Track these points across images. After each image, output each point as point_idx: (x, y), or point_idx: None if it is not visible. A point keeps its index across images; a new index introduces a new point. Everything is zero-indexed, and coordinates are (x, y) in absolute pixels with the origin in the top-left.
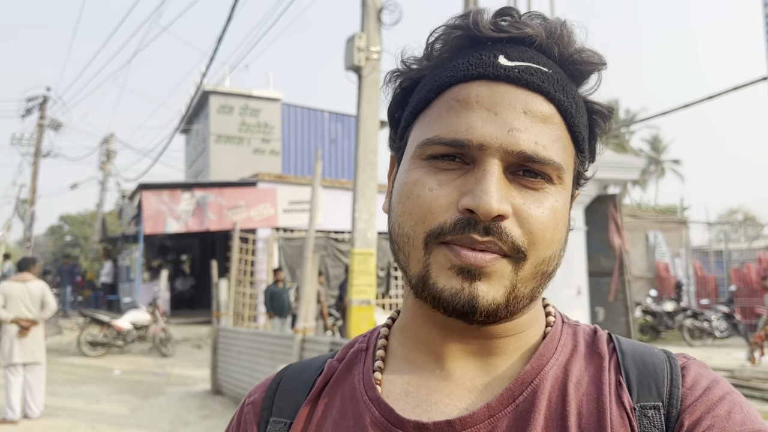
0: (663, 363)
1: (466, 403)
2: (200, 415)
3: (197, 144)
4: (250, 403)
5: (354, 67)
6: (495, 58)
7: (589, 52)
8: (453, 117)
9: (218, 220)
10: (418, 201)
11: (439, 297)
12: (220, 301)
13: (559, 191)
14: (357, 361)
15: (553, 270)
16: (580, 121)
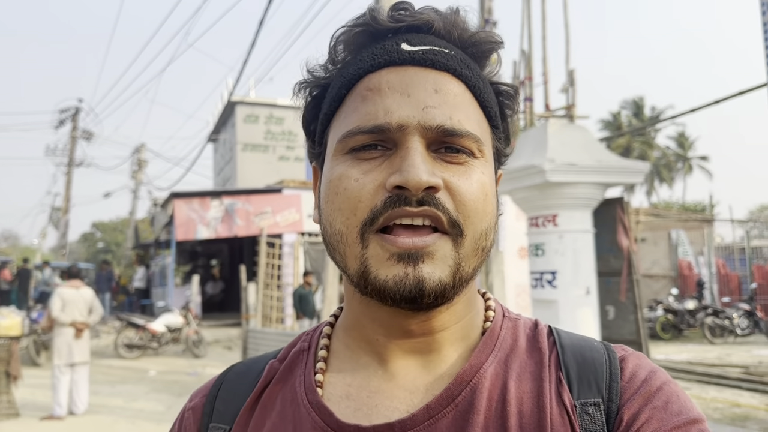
0: (602, 357)
1: (407, 404)
2: None
3: (225, 152)
4: (190, 408)
5: None
6: (398, 45)
7: (484, 33)
8: (369, 105)
9: (246, 226)
10: (346, 194)
11: (383, 288)
12: (248, 304)
13: (483, 164)
14: (298, 362)
15: (489, 245)
16: (489, 96)
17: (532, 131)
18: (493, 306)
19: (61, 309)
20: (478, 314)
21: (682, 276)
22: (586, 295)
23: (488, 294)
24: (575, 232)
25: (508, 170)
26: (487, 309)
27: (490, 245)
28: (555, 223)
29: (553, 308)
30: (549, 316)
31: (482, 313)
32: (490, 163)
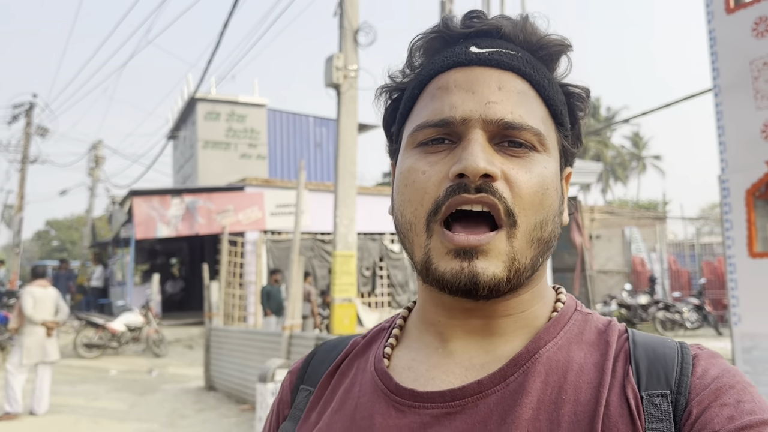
0: (674, 352)
1: (461, 379)
2: (195, 409)
3: (185, 150)
4: (289, 372)
5: (333, 85)
6: (467, 48)
7: (552, 36)
8: (437, 102)
9: (207, 224)
10: (414, 186)
11: (441, 280)
12: (211, 302)
13: (546, 158)
14: (377, 338)
15: (549, 237)
16: (555, 95)
17: None
18: (564, 299)
19: (33, 307)
20: (545, 306)
21: (635, 272)
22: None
23: (561, 289)
24: None
25: None
26: (556, 301)
27: (548, 237)
28: None
29: None
30: None
31: (551, 305)
32: (554, 158)
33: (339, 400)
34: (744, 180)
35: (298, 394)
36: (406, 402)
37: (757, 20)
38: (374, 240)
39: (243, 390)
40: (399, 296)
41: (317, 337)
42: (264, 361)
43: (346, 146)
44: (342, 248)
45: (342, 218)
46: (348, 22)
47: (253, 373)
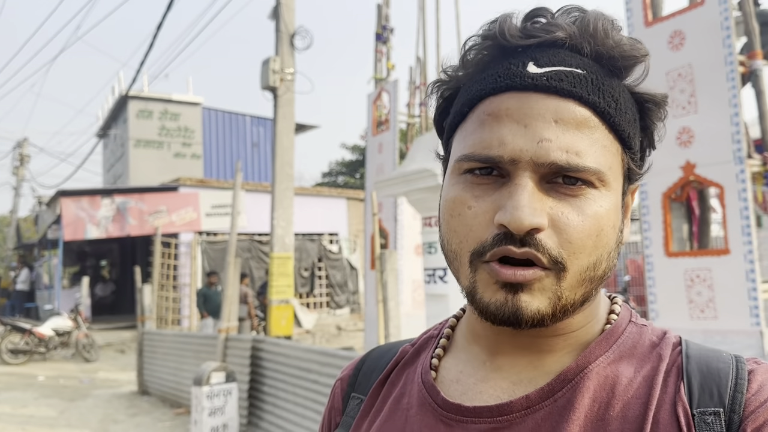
0: (728, 368)
1: (509, 394)
2: (128, 414)
3: (115, 148)
4: (339, 379)
5: (269, 87)
6: (524, 66)
7: (626, 46)
8: (486, 132)
9: (139, 225)
10: (460, 220)
11: (486, 310)
12: (144, 306)
13: (603, 195)
14: (426, 347)
15: (603, 273)
16: (622, 118)
17: (425, 137)
18: (618, 310)
19: None
20: (598, 321)
21: None
22: None
23: (617, 299)
24: None
25: (404, 173)
26: (610, 312)
27: (602, 273)
28: None
29: (444, 302)
30: (440, 309)
31: (604, 318)
32: (613, 192)
33: (389, 411)
34: (661, 183)
35: (350, 402)
36: (454, 417)
37: (672, 33)
38: (313, 241)
39: (178, 394)
40: (338, 296)
41: (254, 339)
42: (199, 364)
43: (283, 148)
44: (279, 250)
45: (279, 220)
46: (284, 26)
47: (188, 377)
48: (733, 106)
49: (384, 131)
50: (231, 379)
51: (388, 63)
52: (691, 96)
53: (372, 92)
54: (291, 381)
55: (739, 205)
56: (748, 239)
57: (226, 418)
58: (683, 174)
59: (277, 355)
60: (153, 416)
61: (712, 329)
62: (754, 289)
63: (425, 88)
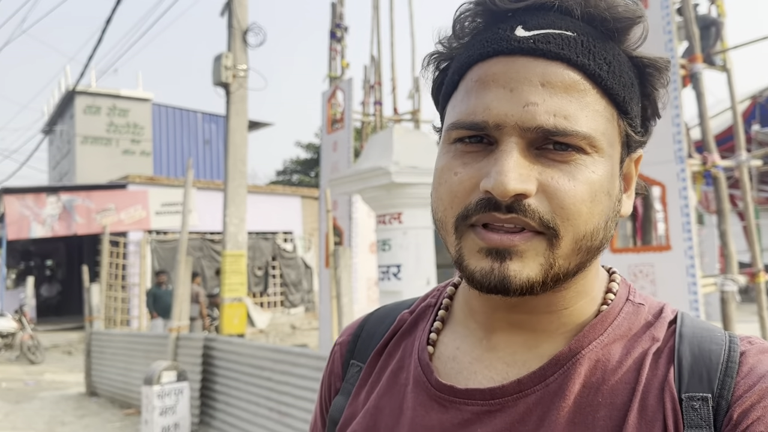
0: (720, 349)
1: (502, 376)
2: (76, 415)
3: (62, 145)
4: (338, 343)
5: (222, 84)
6: (512, 30)
7: (620, 8)
8: (473, 98)
9: (86, 223)
10: (447, 186)
11: (472, 278)
12: (92, 306)
13: (596, 161)
14: (424, 317)
15: (600, 243)
16: (615, 81)
17: (379, 135)
18: (616, 288)
19: None
20: (594, 300)
21: None
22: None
23: (616, 275)
24: (418, 229)
25: (358, 171)
26: (608, 291)
27: (599, 243)
28: (400, 220)
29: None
30: None
31: (600, 296)
32: (607, 158)
33: (386, 384)
34: None
35: (349, 368)
36: (447, 398)
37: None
38: (267, 239)
39: (127, 394)
40: (292, 295)
41: (206, 337)
42: (149, 364)
43: (236, 146)
44: (232, 248)
45: (232, 217)
46: (237, 22)
47: (138, 377)
48: (675, 108)
49: (339, 129)
50: (182, 378)
51: (343, 61)
52: None
53: (326, 90)
54: (244, 379)
55: (680, 203)
56: (688, 236)
57: (178, 418)
58: None
59: (230, 354)
60: (102, 417)
61: None
62: (694, 283)
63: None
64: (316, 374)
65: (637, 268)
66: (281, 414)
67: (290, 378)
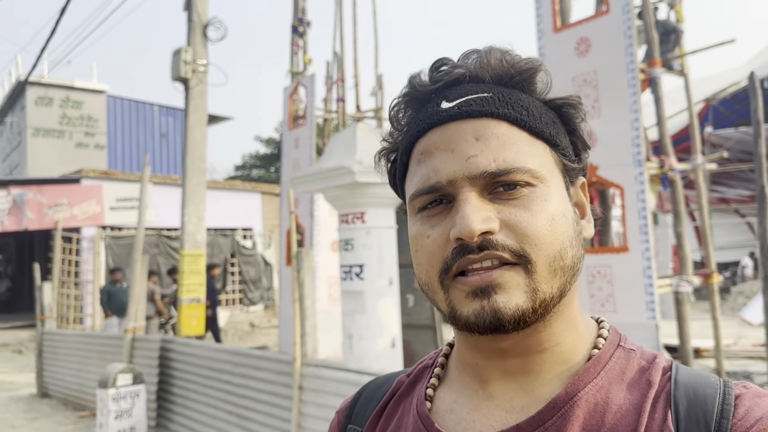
0: (715, 393)
1: (501, 423)
2: (27, 418)
3: (12, 137)
4: (337, 411)
5: (181, 79)
6: (438, 105)
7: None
8: (423, 168)
9: (38, 219)
10: (423, 250)
11: (467, 322)
12: (44, 304)
13: (545, 190)
14: (421, 377)
15: (572, 262)
16: (538, 122)
17: (342, 134)
18: (606, 334)
19: None
20: (582, 337)
21: None
22: (389, 285)
23: (605, 323)
24: (381, 228)
25: (321, 170)
26: (598, 336)
27: (571, 262)
28: (363, 220)
29: (360, 298)
30: (357, 305)
31: (590, 337)
32: (555, 185)
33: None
34: None
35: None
36: None
37: (579, 40)
38: (226, 236)
39: (81, 396)
40: (251, 293)
41: (163, 339)
42: (104, 365)
43: (195, 142)
44: (190, 247)
45: (190, 216)
46: (197, 16)
47: (93, 379)
48: (634, 111)
49: (301, 126)
50: (138, 381)
51: (305, 57)
52: (595, 101)
53: (288, 86)
54: (202, 382)
55: (638, 205)
56: (645, 237)
57: (134, 421)
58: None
59: (188, 356)
60: (54, 420)
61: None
62: (651, 284)
63: (341, 84)
64: (276, 377)
65: (595, 269)
66: (240, 417)
67: (250, 381)
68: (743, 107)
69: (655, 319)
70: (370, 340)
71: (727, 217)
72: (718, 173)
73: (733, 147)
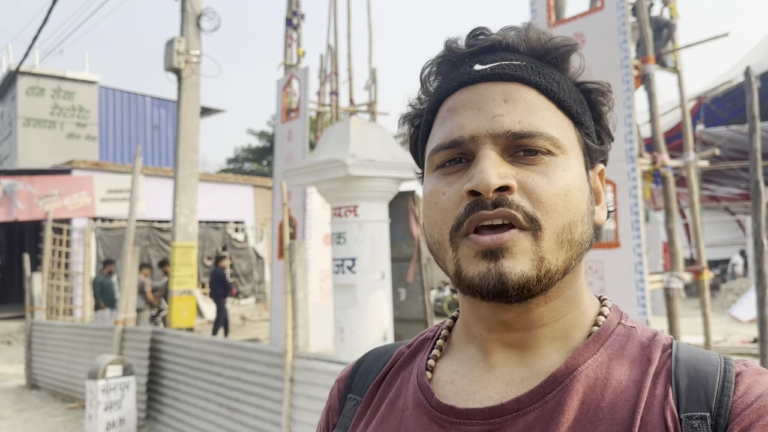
0: (716, 370)
1: (501, 395)
2: (16, 409)
3: (3, 127)
4: (337, 380)
5: (173, 69)
6: (471, 66)
7: (557, 39)
8: (447, 124)
9: (28, 209)
10: (437, 207)
11: (472, 284)
12: (33, 296)
13: (565, 161)
14: (421, 349)
15: (581, 238)
16: (567, 96)
17: (335, 127)
18: (607, 312)
19: None
20: (583, 314)
21: None
22: (381, 279)
23: (607, 301)
24: (373, 222)
25: (314, 163)
26: (599, 314)
27: (579, 238)
28: (356, 213)
29: (352, 292)
30: (348, 299)
31: (591, 315)
32: (575, 159)
33: (384, 412)
34: None
35: (346, 403)
36: (447, 418)
37: (573, 36)
38: (217, 229)
39: (70, 388)
40: (243, 286)
41: (153, 331)
42: (94, 357)
43: (187, 133)
44: (182, 239)
45: (182, 208)
46: (191, 6)
47: (82, 370)
48: (627, 108)
49: (294, 119)
50: (128, 373)
51: (299, 49)
52: None
53: (282, 78)
54: (192, 374)
55: (630, 201)
56: (637, 233)
57: (123, 413)
58: None
59: (178, 348)
60: (43, 411)
61: None
62: (642, 280)
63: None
64: (267, 369)
65: (586, 265)
66: (231, 410)
67: (241, 373)
68: (735, 105)
69: (645, 315)
70: (362, 333)
71: (717, 215)
72: (709, 171)
73: (725, 145)
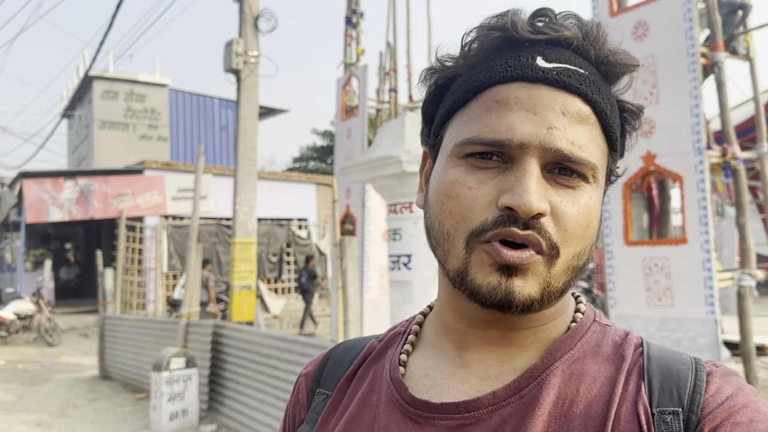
0: (688, 369)
1: (477, 390)
2: (89, 398)
3: (80, 130)
4: (303, 374)
5: (232, 70)
6: (533, 59)
7: (622, 55)
8: (492, 117)
9: (103, 208)
10: (459, 200)
11: (477, 292)
12: (105, 290)
13: (594, 189)
14: (393, 343)
15: (583, 264)
16: (614, 121)
17: (391, 123)
18: (584, 309)
19: None
20: (565, 317)
21: None
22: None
23: (581, 299)
24: None
25: (370, 160)
26: (576, 311)
27: (582, 264)
28: (411, 209)
29: (408, 288)
30: (404, 295)
31: (571, 315)
32: (600, 188)
33: (356, 407)
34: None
35: (315, 397)
36: (422, 413)
37: (636, 24)
38: (281, 226)
39: (139, 379)
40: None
41: (215, 324)
42: (160, 349)
43: (246, 133)
44: (241, 235)
45: (242, 205)
46: (248, 8)
47: (149, 362)
48: (694, 98)
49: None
50: (191, 365)
51: (358, 48)
52: (653, 87)
53: (341, 77)
54: (251, 367)
55: (698, 195)
56: (705, 229)
57: (186, 404)
58: (644, 164)
59: (238, 341)
60: (113, 401)
61: (668, 317)
62: (710, 278)
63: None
64: None
65: (651, 262)
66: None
67: (296, 367)
68: None
69: (714, 313)
70: None
71: None
72: None
73: None
